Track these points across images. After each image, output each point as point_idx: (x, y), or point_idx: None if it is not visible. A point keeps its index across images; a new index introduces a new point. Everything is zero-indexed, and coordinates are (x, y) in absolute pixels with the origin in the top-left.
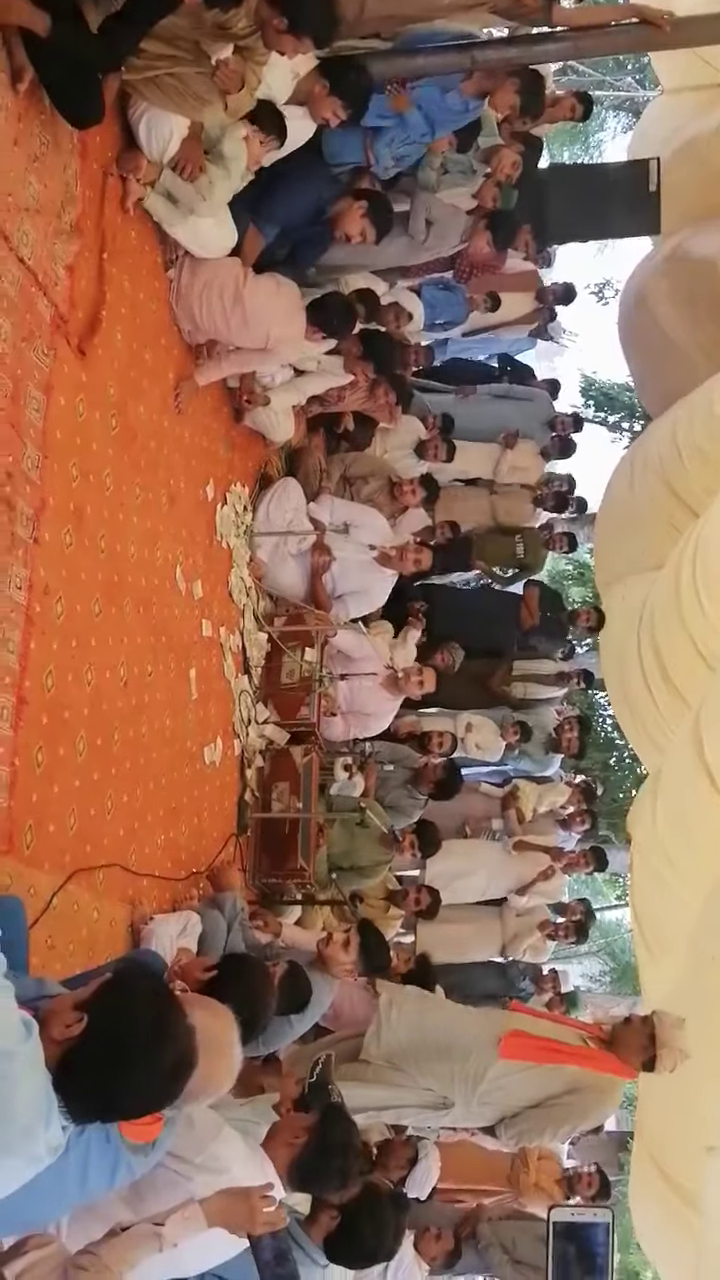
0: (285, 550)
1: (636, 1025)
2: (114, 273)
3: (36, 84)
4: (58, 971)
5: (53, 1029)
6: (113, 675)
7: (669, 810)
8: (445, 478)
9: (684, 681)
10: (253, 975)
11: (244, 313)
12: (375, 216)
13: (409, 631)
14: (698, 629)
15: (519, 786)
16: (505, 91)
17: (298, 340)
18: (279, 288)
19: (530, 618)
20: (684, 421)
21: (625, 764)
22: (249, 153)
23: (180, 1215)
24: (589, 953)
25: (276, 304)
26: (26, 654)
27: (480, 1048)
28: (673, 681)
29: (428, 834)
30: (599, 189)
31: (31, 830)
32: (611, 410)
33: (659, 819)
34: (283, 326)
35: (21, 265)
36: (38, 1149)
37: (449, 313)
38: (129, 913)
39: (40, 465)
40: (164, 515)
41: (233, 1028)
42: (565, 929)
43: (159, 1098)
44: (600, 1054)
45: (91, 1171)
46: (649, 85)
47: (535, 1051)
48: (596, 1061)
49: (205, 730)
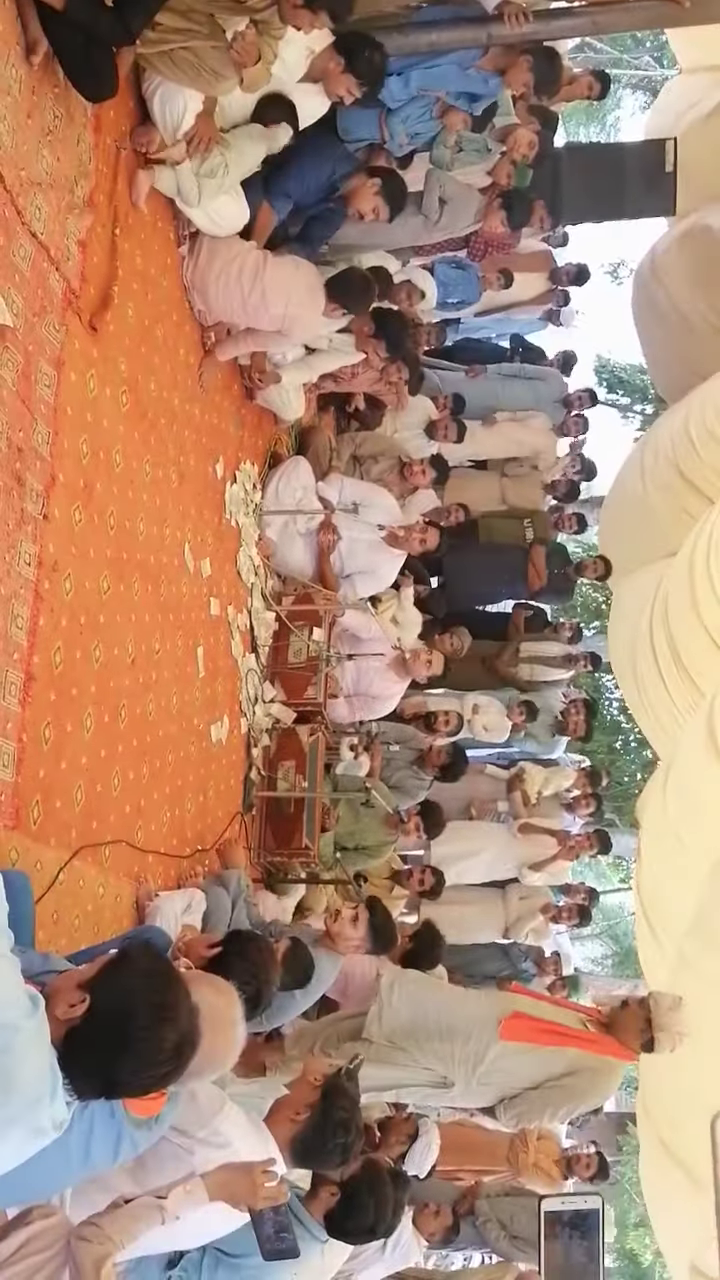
0: (294, 529)
1: (634, 1008)
2: (126, 248)
3: (50, 57)
4: (63, 946)
5: (57, 1007)
6: (120, 652)
7: (681, 794)
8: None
9: (697, 667)
10: (257, 952)
11: (263, 293)
12: (388, 194)
13: (403, 590)
14: (711, 616)
15: (524, 769)
16: (519, 69)
17: (313, 320)
18: (298, 268)
19: (539, 578)
20: (696, 409)
21: (631, 747)
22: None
23: (182, 1189)
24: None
25: (296, 283)
26: (35, 630)
27: (481, 1029)
28: (686, 667)
29: (432, 815)
30: (615, 169)
31: (39, 806)
32: (624, 392)
33: (670, 803)
34: (300, 306)
35: (34, 240)
36: (43, 1123)
37: (462, 292)
38: (134, 889)
39: (51, 441)
40: (173, 492)
41: (236, 1005)
42: (568, 912)
43: (162, 1076)
44: (599, 1037)
45: (95, 1145)
46: (667, 64)
47: (535, 1034)
48: (596, 1044)
49: (212, 708)
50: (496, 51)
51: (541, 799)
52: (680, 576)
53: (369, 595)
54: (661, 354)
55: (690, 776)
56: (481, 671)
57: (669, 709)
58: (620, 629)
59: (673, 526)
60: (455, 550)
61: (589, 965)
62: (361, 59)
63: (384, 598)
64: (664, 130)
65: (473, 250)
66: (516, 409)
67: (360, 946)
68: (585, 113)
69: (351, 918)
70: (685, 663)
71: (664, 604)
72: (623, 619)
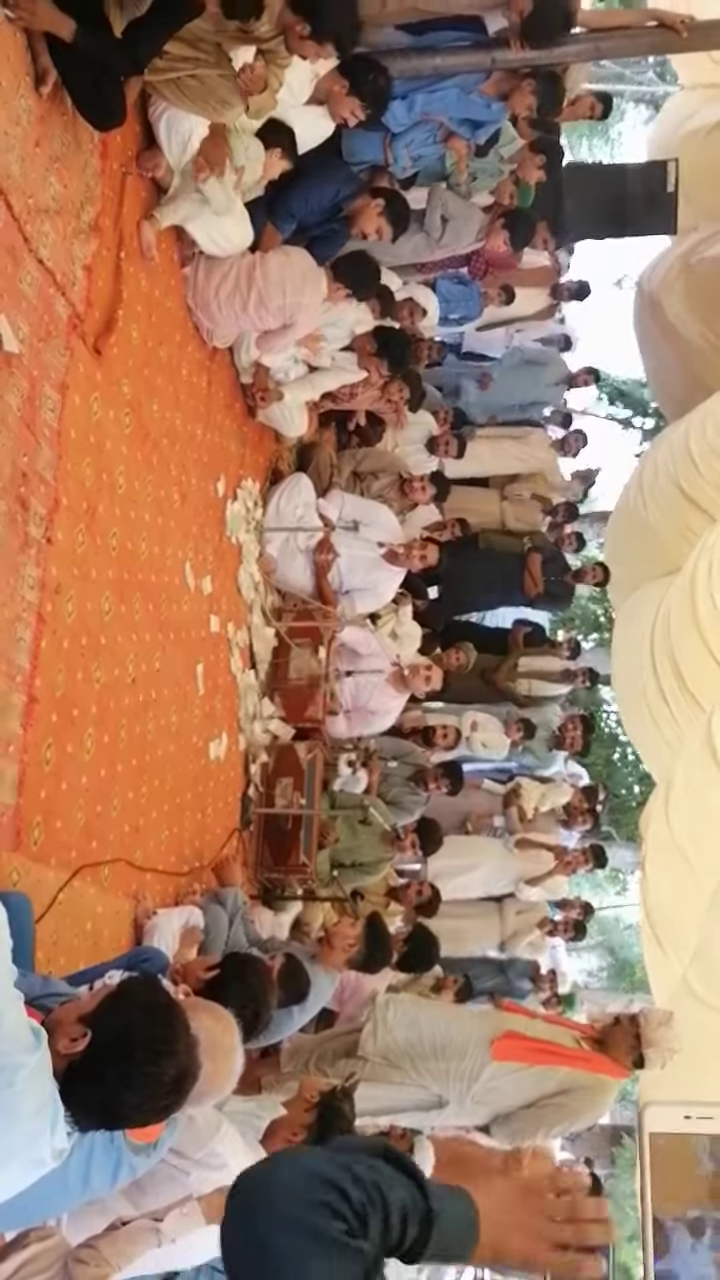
0: (295, 546)
1: (625, 1025)
2: (131, 271)
3: (59, 86)
4: (62, 966)
5: (58, 1041)
6: (121, 672)
7: (684, 811)
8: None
9: (699, 685)
10: (254, 975)
11: (260, 292)
12: (392, 215)
13: (401, 608)
14: (712, 634)
15: (521, 784)
16: (522, 93)
17: (315, 304)
18: (288, 257)
19: (534, 585)
20: (697, 426)
21: (628, 760)
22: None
23: (179, 1211)
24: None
25: (289, 272)
26: (37, 653)
27: (475, 1048)
28: (688, 685)
29: (429, 832)
30: (617, 189)
31: (39, 827)
32: (625, 405)
33: (673, 819)
34: (298, 293)
35: (40, 266)
36: (43, 1154)
37: (463, 308)
38: (133, 907)
39: (54, 465)
40: (175, 512)
41: (234, 1031)
42: (564, 926)
43: (162, 1109)
44: (593, 1055)
45: (94, 1172)
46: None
47: (529, 1053)
48: (589, 1063)
49: (211, 725)
50: (499, 76)
51: (538, 814)
52: (682, 594)
53: (368, 612)
54: (662, 370)
55: (693, 793)
56: (480, 685)
57: (671, 726)
58: (623, 646)
59: (674, 543)
60: (452, 557)
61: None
62: (366, 82)
63: (383, 613)
64: (666, 145)
65: (474, 268)
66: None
67: (354, 946)
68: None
69: (350, 921)
70: (688, 680)
71: (666, 621)
72: (626, 637)
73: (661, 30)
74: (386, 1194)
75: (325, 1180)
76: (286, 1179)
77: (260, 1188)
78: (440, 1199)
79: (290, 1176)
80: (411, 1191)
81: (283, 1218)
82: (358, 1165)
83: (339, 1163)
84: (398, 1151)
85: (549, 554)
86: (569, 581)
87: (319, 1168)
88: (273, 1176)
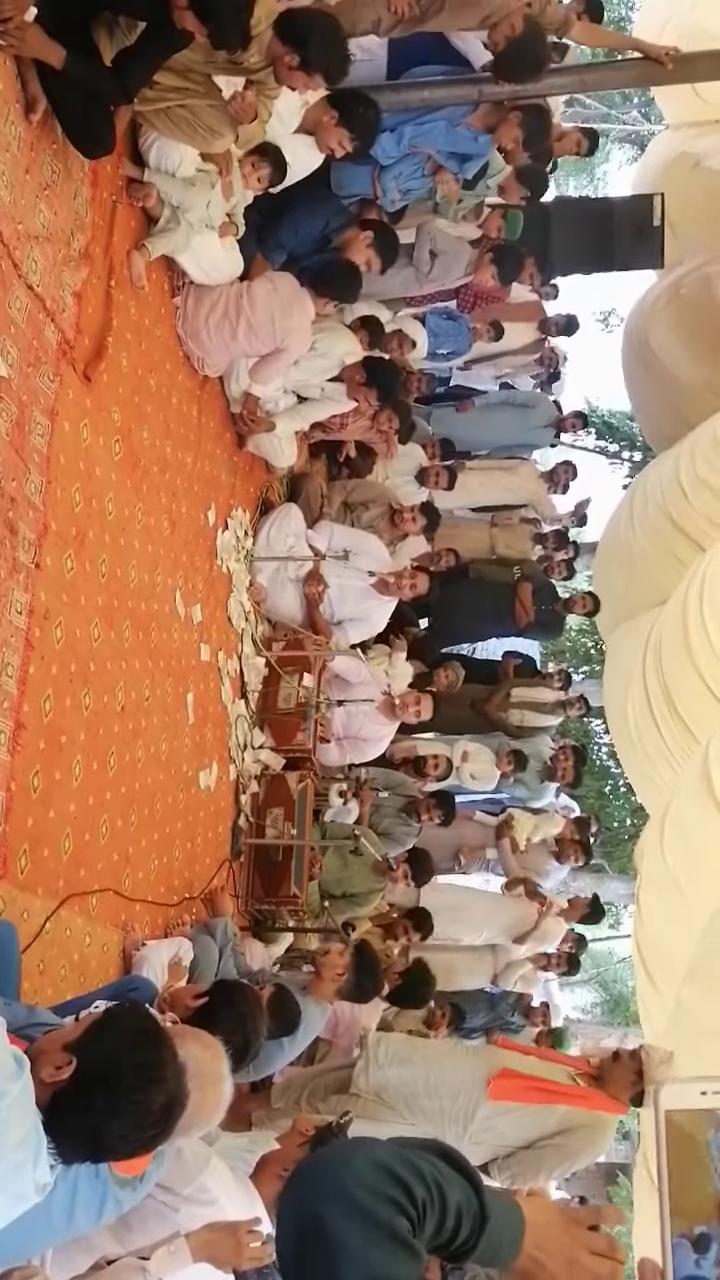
0: (285, 575)
1: (625, 1060)
2: (121, 299)
3: (49, 114)
4: (49, 997)
5: (42, 1070)
6: (110, 700)
7: (679, 843)
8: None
9: (692, 715)
10: (244, 1001)
11: (249, 319)
12: (381, 246)
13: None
14: (706, 663)
15: (513, 816)
16: (509, 125)
17: (305, 324)
18: (274, 283)
19: (525, 614)
20: (686, 456)
21: (620, 792)
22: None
23: (166, 1250)
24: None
25: (276, 297)
26: (25, 679)
27: (469, 1087)
28: (681, 715)
29: (421, 862)
30: (603, 223)
31: (26, 855)
32: (612, 439)
33: (668, 851)
34: (286, 315)
35: (30, 292)
36: (25, 1188)
37: (452, 343)
38: (121, 938)
39: (43, 490)
40: (165, 540)
41: (223, 1060)
42: (557, 960)
43: (150, 1139)
44: (589, 1092)
45: (79, 1207)
46: (655, 119)
47: (525, 1092)
48: (587, 1100)
49: (201, 755)
50: (486, 108)
51: (530, 846)
52: (674, 623)
53: (360, 641)
54: (650, 403)
55: (688, 825)
56: (471, 716)
57: (664, 756)
58: (614, 677)
59: (664, 573)
60: (443, 587)
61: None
62: (355, 114)
63: (375, 655)
64: (651, 183)
65: (462, 302)
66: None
67: (344, 975)
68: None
69: (339, 950)
70: (680, 710)
71: (657, 651)
72: (617, 666)
73: (646, 62)
74: (446, 1194)
75: (393, 1175)
76: (358, 1166)
77: (330, 1170)
78: (493, 1204)
79: (361, 1165)
80: (468, 1192)
81: (349, 1203)
82: (421, 1162)
83: (404, 1157)
84: (454, 1151)
85: (539, 583)
86: (559, 610)
87: (387, 1161)
88: (344, 1161)
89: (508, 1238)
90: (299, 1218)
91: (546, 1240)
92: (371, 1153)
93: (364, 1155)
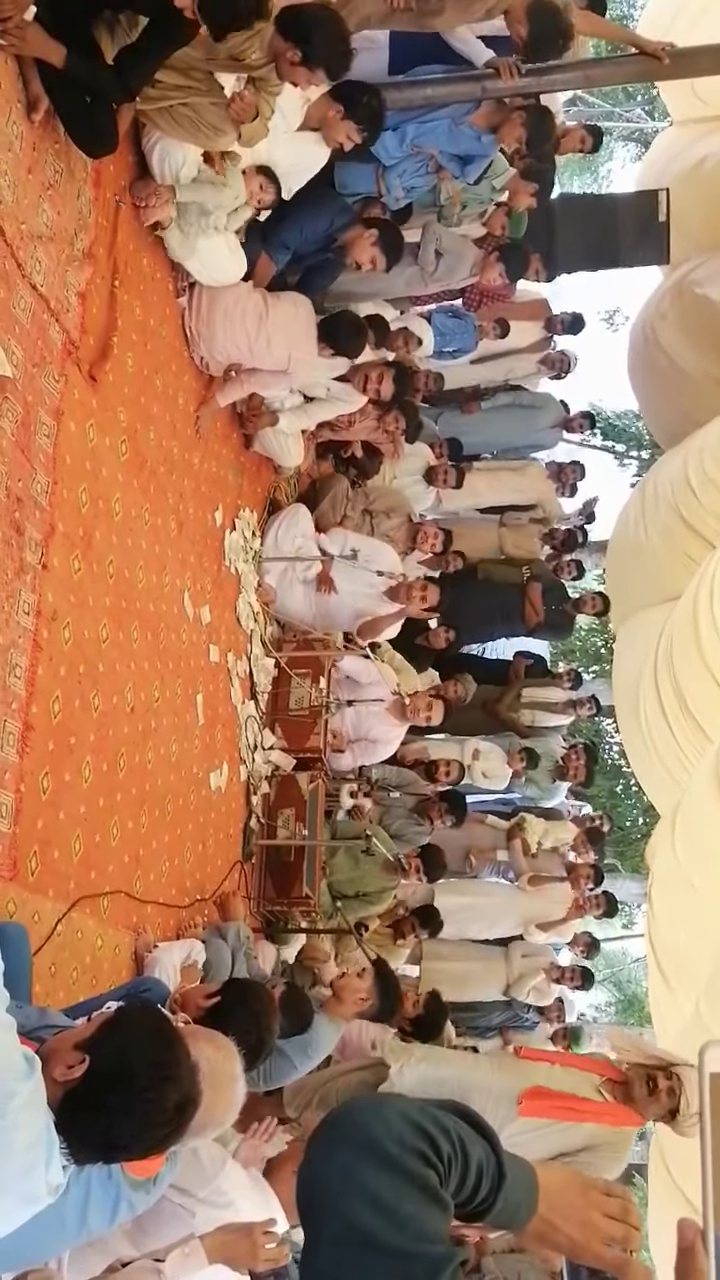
0: (293, 576)
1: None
2: (125, 299)
3: (51, 113)
4: (61, 1000)
5: (54, 1069)
6: (119, 700)
7: (691, 840)
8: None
9: (703, 712)
10: (257, 1000)
11: (268, 335)
12: (386, 245)
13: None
14: (715, 658)
15: (525, 819)
16: (512, 124)
17: (314, 361)
18: (296, 309)
19: (535, 615)
20: (695, 454)
21: (632, 792)
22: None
23: (181, 1252)
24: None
25: (296, 326)
26: (34, 680)
27: (497, 1103)
28: (692, 712)
29: (432, 857)
30: (608, 219)
31: (36, 856)
32: (619, 439)
33: (680, 849)
34: (301, 350)
35: (34, 292)
36: (38, 1189)
37: (459, 341)
38: (133, 940)
39: (49, 491)
40: (172, 540)
41: (236, 1060)
42: (570, 974)
43: (163, 1138)
44: (617, 1107)
45: (92, 1210)
46: (658, 116)
47: (555, 1110)
48: (614, 1116)
49: (211, 756)
50: (489, 107)
51: (541, 851)
52: (684, 621)
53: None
54: (657, 401)
55: (700, 822)
56: (482, 717)
57: (675, 754)
58: (624, 674)
59: (673, 570)
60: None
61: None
62: (360, 105)
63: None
64: (656, 181)
65: (468, 300)
66: (513, 443)
67: (367, 1000)
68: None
69: (358, 972)
70: (691, 707)
71: (668, 648)
72: (626, 664)
73: (649, 57)
74: (469, 1150)
75: (421, 1129)
76: (389, 1118)
77: (361, 1121)
78: (510, 1164)
79: (392, 1117)
80: (487, 1151)
81: (381, 1155)
82: (445, 1118)
83: (430, 1113)
84: (472, 1111)
85: (548, 583)
86: (569, 610)
87: (415, 1116)
88: (374, 1113)
89: (524, 1199)
90: (322, 1167)
91: (561, 1202)
92: (400, 1107)
93: (393, 1109)
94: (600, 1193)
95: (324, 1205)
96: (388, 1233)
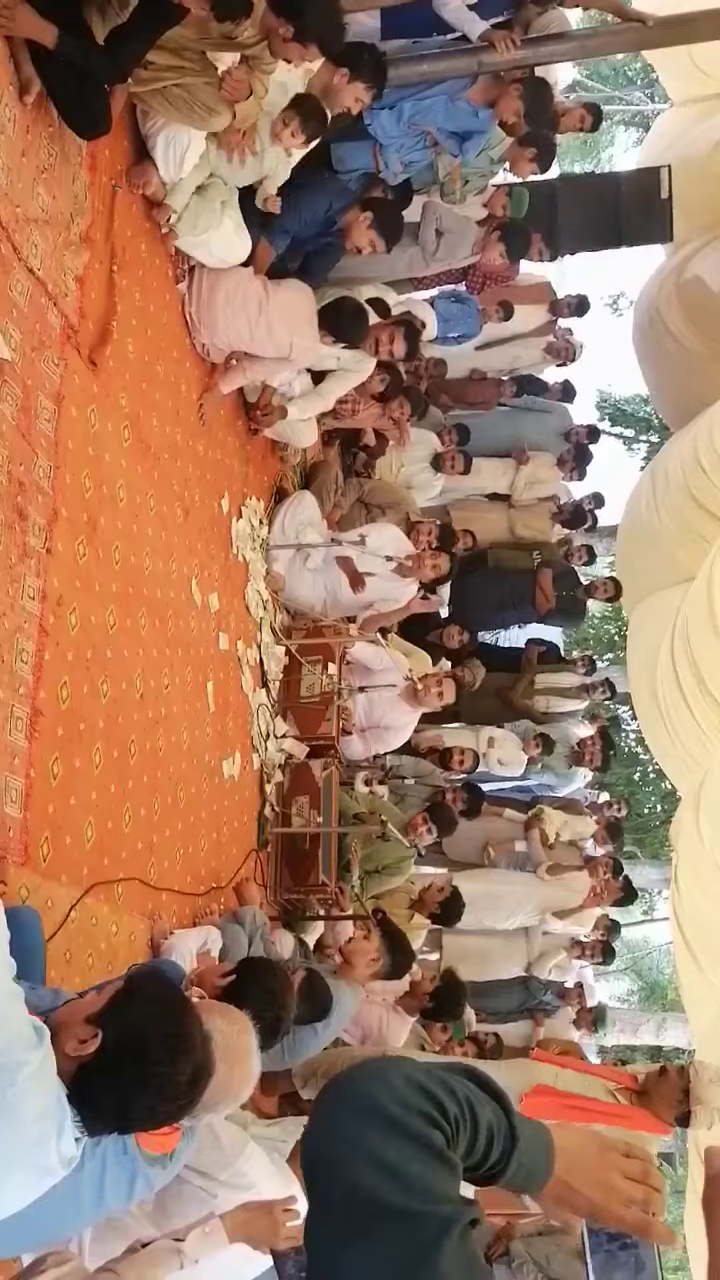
0: (301, 563)
1: (672, 1078)
2: (124, 284)
3: (44, 96)
4: (76, 986)
5: (66, 1043)
6: (129, 687)
7: (715, 819)
8: (463, 492)
9: None
10: (271, 978)
11: (269, 322)
12: (382, 226)
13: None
14: None
15: (543, 810)
16: (509, 98)
17: (315, 347)
18: (298, 296)
19: (546, 601)
20: (704, 435)
21: (650, 779)
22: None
23: (201, 1230)
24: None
25: (297, 312)
26: (40, 665)
27: None
28: (711, 692)
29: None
30: (611, 197)
31: (48, 842)
32: (627, 424)
33: (704, 827)
34: (303, 336)
35: (31, 275)
36: (49, 1160)
37: (462, 326)
38: (148, 927)
39: (52, 475)
40: (179, 527)
41: (250, 1034)
42: (591, 949)
43: (176, 1108)
44: (630, 1110)
45: (108, 1185)
46: (658, 99)
47: (559, 1110)
48: (626, 1119)
49: (224, 744)
50: (486, 81)
51: (559, 842)
52: (699, 600)
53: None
54: (665, 383)
55: None
56: (497, 705)
57: (694, 734)
58: (638, 655)
59: (685, 550)
60: (462, 577)
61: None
62: (363, 63)
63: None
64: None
65: (471, 283)
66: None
67: (377, 961)
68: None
69: (363, 934)
70: (710, 686)
71: (684, 628)
72: (641, 645)
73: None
74: (478, 1112)
75: (426, 1091)
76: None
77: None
78: (522, 1126)
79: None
80: (498, 1113)
81: (385, 1118)
82: (453, 1080)
83: (437, 1075)
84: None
85: (560, 568)
86: (580, 595)
87: (420, 1077)
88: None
89: (539, 1162)
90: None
91: (578, 1164)
92: (404, 1070)
93: (398, 1072)
94: (620, 1154)
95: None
96: (395, 1194)
